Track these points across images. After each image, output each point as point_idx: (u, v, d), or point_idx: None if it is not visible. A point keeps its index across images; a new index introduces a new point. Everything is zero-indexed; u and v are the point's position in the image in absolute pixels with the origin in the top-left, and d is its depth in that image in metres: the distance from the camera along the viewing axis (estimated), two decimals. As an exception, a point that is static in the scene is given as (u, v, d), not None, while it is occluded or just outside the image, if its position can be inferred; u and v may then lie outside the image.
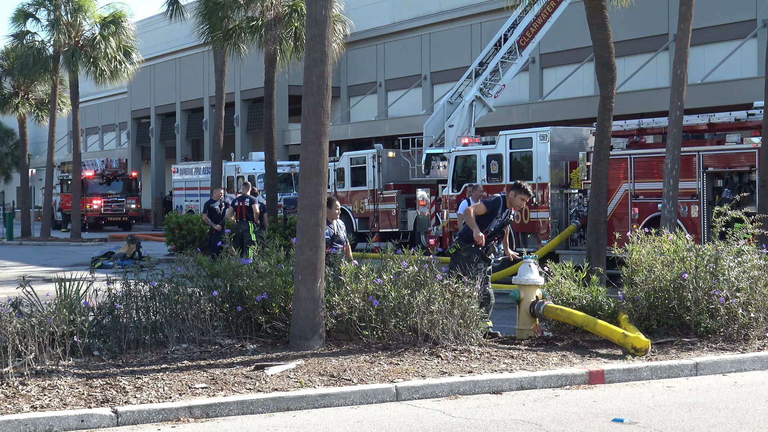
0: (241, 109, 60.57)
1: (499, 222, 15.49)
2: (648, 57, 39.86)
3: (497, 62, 32.77)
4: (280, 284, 14.29)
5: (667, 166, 21.17)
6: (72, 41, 47.55)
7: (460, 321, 13.86)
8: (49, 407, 10.61)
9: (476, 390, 11.87)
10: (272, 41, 32.65)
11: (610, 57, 21.43)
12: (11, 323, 12.14)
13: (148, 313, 14.06)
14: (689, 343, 14.23)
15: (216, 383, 11.65)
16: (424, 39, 51.68)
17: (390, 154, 35.13)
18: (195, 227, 34.84)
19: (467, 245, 15.36)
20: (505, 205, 15.52)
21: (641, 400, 11.59)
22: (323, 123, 13.93)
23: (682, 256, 14.86)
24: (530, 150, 26.63)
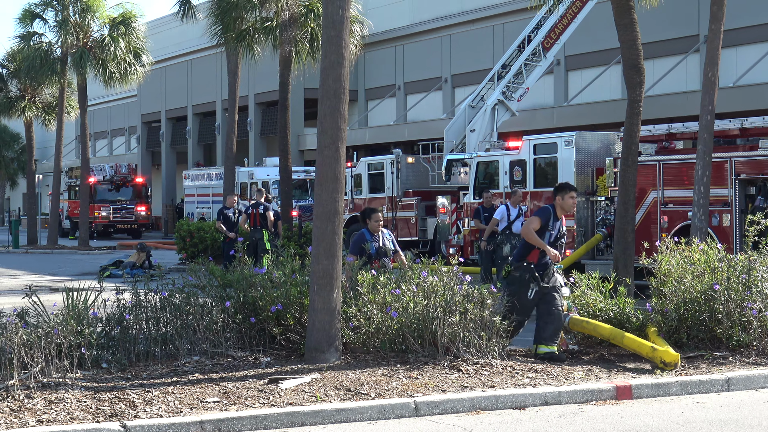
0: (254, 113, 60.65)
1: (552, 236, 14.56)
2: (678, 59, 39.75)
3: (521, 64, 32.74)
4: (295, 295, 14.30)
5: (698, 173, 21.10)
6: (80, 42, 47.71)
7: (482, 333, 13.84)
8: (56, 421, 10.64)
9: (498, 405, 11.85)
10: (287, 43, 32.70)
11: (639, 59, 21.39)
12: (17, 334, 12.18)
13: (159, 325, 14.09)
14: (721, 358, 14.19)
15: (228, 397, 11.66)
16: (445, 40, 51.66)
17: (409, 160, 35.10)
18: (207, 235, 34.89)
19: (519, 264, 14.56)
20: (555, 215, 14.64)
21: (671, 416, 11.55)
22: (340, 127, 13.93)
23: (713, 266, 14.81)
24: (555, 156, 26.60)
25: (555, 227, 14.57)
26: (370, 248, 16.18)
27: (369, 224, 16.44)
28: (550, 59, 33.45)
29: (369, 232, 16.40)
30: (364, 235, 16.38)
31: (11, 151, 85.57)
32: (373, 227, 16.36)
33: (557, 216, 14.63)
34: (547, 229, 14.48)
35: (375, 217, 16.43)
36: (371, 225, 16.40)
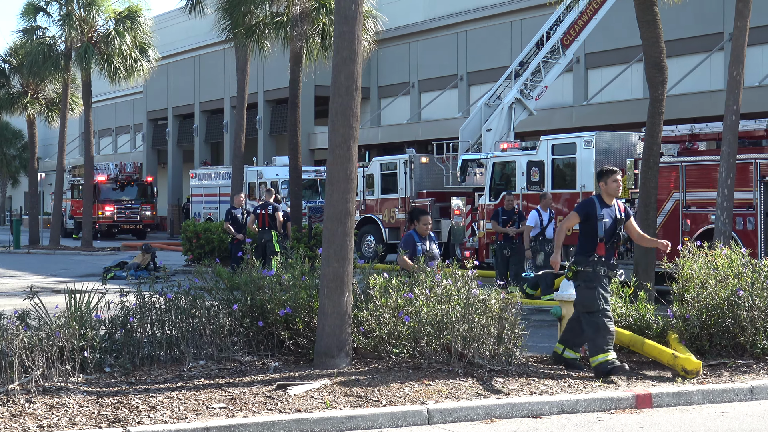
0: (264, 110, 60.73)
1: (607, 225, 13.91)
2: (701, 57, 39.71)
3: (539, 62, 32.74)
4: (305, 298, 14.31)
5: (722, 175, 21.06)
6: (85, 37, 47.79)
7: (497, 339, 13.83)
8: (57, 427, 10.66)
9: (514, 414, 11.84)
10: (298, 38, 32.72)
11: (661, 57, 21.35)
12: (18, 337, 12.21)
13: (164, 328, 14.11)
14: (744, 366, 14.16)
15: (235, 403, 11.67)
16: (461, 37, 51.68)
17: (423, 160, 35.11)
18: (214, 236, 34.93)
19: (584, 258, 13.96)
20: (603, 203, 14.11)
21: (692, 426, 11.54)
22: (352, 126, 13.94)
23: (737, 271, 14.79)
24: (574, 156, 26.60)
25: (607, 215, 13.92)
26: (418, 251, 15.88)
27: (417, 226, 16.22)
28: (569, 57, 33.45)
29: (418, 234, 16.19)
30: (413, 236, 16.18)
31: (13, 149, 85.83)
32: (421, 230, 16.15)
33: (606, 203, 14.05)
34: (597, 219, 13.88)
35: (424, 219, 16.15)
36: (419, 227, 16.17)
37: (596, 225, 13.87)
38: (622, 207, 14.22)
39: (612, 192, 14.03)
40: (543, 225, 23.72)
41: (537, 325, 16.67)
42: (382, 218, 35.44)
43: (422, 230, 16.11)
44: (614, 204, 14.08)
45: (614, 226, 13.95)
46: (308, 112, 55.40)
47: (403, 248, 15.91)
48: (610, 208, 14.02)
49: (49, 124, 56.12)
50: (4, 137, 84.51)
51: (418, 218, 16.18)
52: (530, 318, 16.03)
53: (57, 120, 53.42)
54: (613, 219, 13.94)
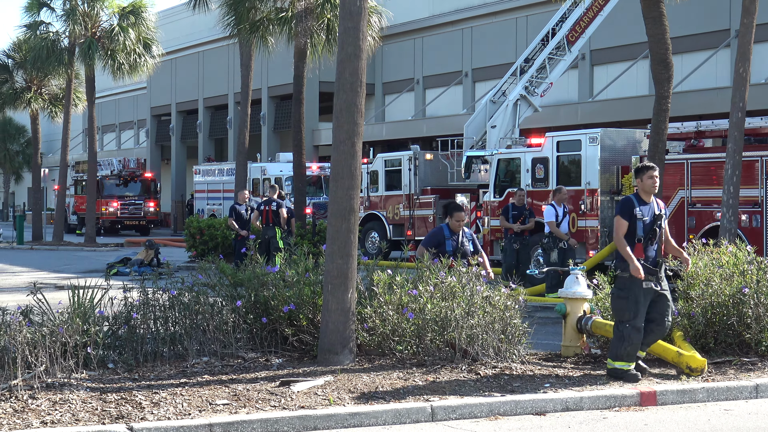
0: (268, 106, 60.74)
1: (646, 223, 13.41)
2: (707, 54, 39.69)
3: (544, 58, 32.71)
4: (309, 294, 14.32)
5: (727, 172, 21.07)
6: (88, 32, 47.83)
7: (502, 336, 13.85)
8: (60, 423, 10.68)
9: (518, 411, 11.85)
10: (302, 34, 32.74)
11: (667, 54, 21.39)
12: (21, 333, 12.23)
13: (167, 324, 14.12)
14: (749, 363, 14.16)
15: (238, 400, 11.69)
16: (466, 33, 51.66)
17: (427, 157, 35.10)
18: (217, 232, 34.96)
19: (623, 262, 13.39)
20: (640, 200, 13.49)
21: (696, 424, 11.54)
22: (356, 122, 13.95)
23: (742, 269, 14.79)
24: (579, 153, 26.57)
25: (645, 213, 13.44)
26: (446, 246, 15.37)
27: (450, 221, 15.61)
28: (574, 53, 33.40)
29: (449, 229, 15.60)
30: (443, 230, 15.63)
31: (16, 144, 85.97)
32: (453, 226, 15.56)
33: (643, 200, 13.58)
34: (636, 218, 13.38)
35: (458, 216, 15.58)
36: (452, 223, 15.58)
37: (635, 225, 13.40)
38: (661, 204, 13.81)
39: (648, 189, 13.49)
40: (558, 220, 23.56)
41: (541, 323, 16.65)
42: (386, 215, 35.44)
43: (454, 226, 15.52)
44: (652, 201, 13.59)
45: (652, 223, 13.48)
46: (312, 108, 55.41)
47: (423, 244, 15.52)
48: (648, 206, 13.52)
49: (53, 120, 56.17)
50: (7, 133, 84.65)
51: (452, 213, 15.62)
52: (534, 315, 16.01)
53: (60, 115, 53.46)
54: (651, 217, 13.49)
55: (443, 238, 15.49)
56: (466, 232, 15.70)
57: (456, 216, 15.52)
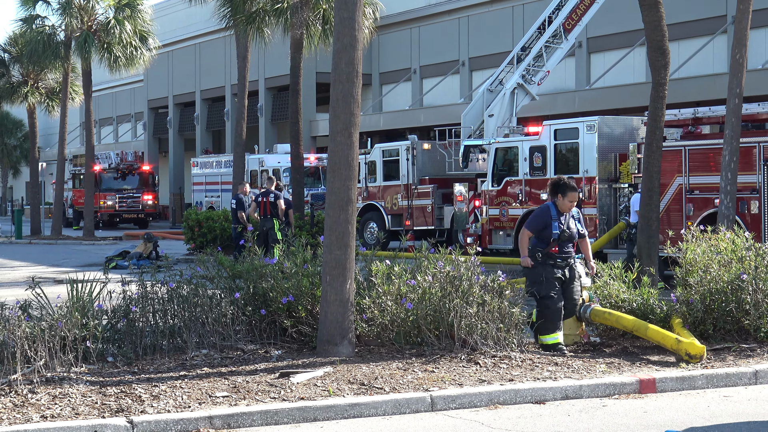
0: (265, 98, 60.72)
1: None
2: (704, 41, 39.66)
3: (541, 47, 32.69)
4: (307, 286, 14.33)
5: (725, 159, 21.07)
6: (84, 26, 47.77)
7: (500, 325, 13.86)
8: (60, 417, 10.69)
9: (517, 399, 11.87)
10: (298, 25, 32.71)
11: (663, 40, 21.33)
12: (20, 327, 12.23)
13: (166, 317, 14.13)
14: (748, 350, 14.18)
15: (238, 392, 11.70)
16: (462, 22, 51.62)
17: (425, 146, 35.11)
18: (216, 225, 34.96)
19: None
20: None
21: (696, 410, 11.56)
22: (353, 113, 13.95)
23: (740, 255, 14.80)
24: (576, 141, 26.59)
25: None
26: (552, 229, 14.43)
27: (559, 202, 14.53)
28: (571, 41, 33.38)
29: (556, 209, 14.56)
30: (550, 210, 14.56)
31: (14, 139, 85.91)
32: (563, 206, 14.51)
33: None
34: None
35: (571, 196, 14.49)
36: (562, 204, 14.53)
37: None
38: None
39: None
40: None
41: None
42: (384, 205, 35.45)
43: (565, 207, 14.50)
44: None
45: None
46: (309, 99, 55.36)
47: (529, 226, 14.60)
48: None
49: (50, 114, 56.13)
50: (4, 127, 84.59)
51: (564, 192, 14.48)
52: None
53: (57, 109, 53.42)
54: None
55: (550, 219, 14.49)
56: (573, 213, 14.72)
57: (569, 196, 14.51)
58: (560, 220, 14.47)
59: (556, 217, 14.47)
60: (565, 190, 14.48)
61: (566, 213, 14.56)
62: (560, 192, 14.53)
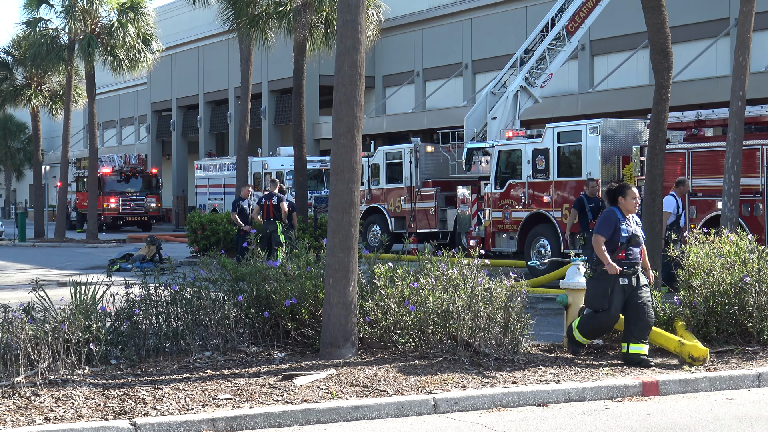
0: (268, 100, 60.74)
1: None
2: (707, 43, 39.66)
3: (544, 49, 32.69)
4: (310, 288, 14.33)
5: (728, 161, 21.06)
6: (88, 29, 47.81)
7: (504, 328, 13.85)
8: (64, 419, 10.69)
9: (520, 402, 11.87)
10: (301, 28, 32.72)
11: (666, 43, 21.32)
12: (23, 329, 12.24)
13: (169, 319, 14.13)
14: (751, 352, 14.17)
15: (241, 394, 11.71)
16: (465, 25, 51.64)
17: (428, 149, 35.10)
18: (219, 227, 34.98)
19: None
20: None
21: (699, 413, 11.55)
22: (356, 115, 13.95)
23: (743, 258, 14.79)
24: (579, 144, 26.56)
25: None
26: (621, 232, 13.72)
27: (623, 203, 13.86)
28: (574, 44, 33.38)
29: (621, 213, 13.87)
30: (616, 214, 13.86)
31: (17, 142, 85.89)
32: (629, 206, 13.81)
33: None
34: None
35: (631, 193, 13.82)
36: (626, 204, 13.85)
37: None
38: None
39: None
40: (678, 213, 22.29)
41: (543, 314, 16.66)
42: (387, 208, 35.46)
43: (631, 206, 13.80)
44: None
45: None
46: (313, 102, 55.41)
47: (600, 231, 13.82)
48: None
49: (53, 117, 56.12)
50: (8, 130, 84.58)
51: (624, 193, 13.85)
52: (536, 306, 15.99)
53: (61, 112, 53.43)
54: None
55: (618, 222, 13.79)
56: (636, 218, 14.12)
57: (631, 194, 13.83)
58: (628, 223, 13.83)
59: (624, 220, 13.83)
60: (623, 190, 13.91)
61: (632, 214, 13.94)
62: (620, 194, 13.93)
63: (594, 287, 13.93)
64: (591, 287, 13.99)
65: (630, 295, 13.75)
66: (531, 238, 27.38)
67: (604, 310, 13.76)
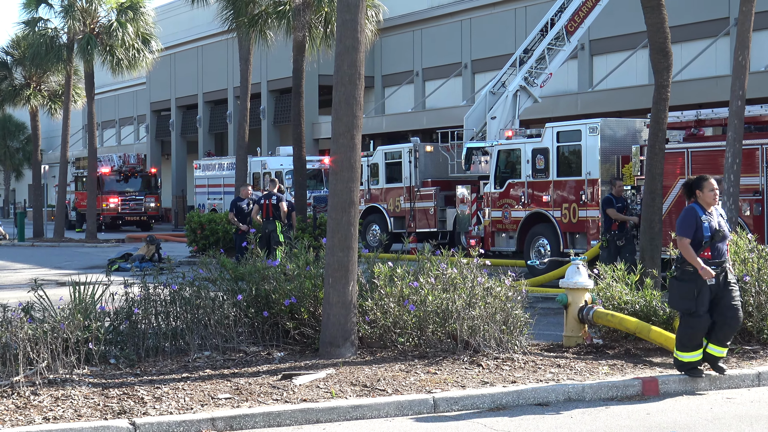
0: (267, 100, 60.72)
1: None
2: (707, 43, 39.65)
3: (543, 49, 32.66)
4: (310, 288, 14.33)
5: (728, 161, 21.05)
6: (87, 28, 47.79)
7: (503, 327, 13.86)
8: (63, 419, 10.69)
9: (520, 401, 11.86)
10: (301, 27, 32.71)
11: (666, 43, 21.31)
12: (22, 329, 12.24)
13: (168, 319, 14.14)
14: (751, 352, 14.18)
15: (240, 393, 11.70)
16: (465, 24, 51.62)
17: (428, 149, 35.07)
18: (218, 227, 34.96)
19: None
20: None
21: (699, 412, 11.55)
22: (355, 115, 13.95)
23: (743, 257, 14.80)
24: (579, 143, 26.54)
25: None
26: (703, 230, 12.65)
27: (701, 197, 12.83)
28: (573, 44, 33.36)
29: (701, 208, 12.80)
30: (695, 210, 12.76)
31: (16, 141, 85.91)
32: (708, 199, 12.76)
33: None
34: None
35: (709, 185, 12.76)
36: (705, 197, 12.80)
37: None
38: None
39: None
40: None
41: (543, 313, 16.66)
42: (386, 207, 35.44)
43: (710, 198, 12.75)
44: None
45: None
46: (312, 102, 55.39)
47: (682, 232, 12.70)
48: None
49: (52, 116, 56.13)
50: (7, 130, 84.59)
51: (701, 185, 12.81)
52: (536, 306, 16.00)
53: (60, 112, 53.42)
54: None
55: (699, 219, 12.70)
56: (720, 210, 13.07)
57: (708, 185, 12.80)
58: (710, 218, 12.75)
59: (703, 214, 12.74)
60: (700, 183, 12.86)
61: (713, 208, 12.84)
62: (697, 188, 12.88)
63: (679, 288, 12.81)
64: (675, 288, 12.86)
65: (717, 294, 12.70)
66: (530, 237, 27.38)
67: (692, 314, 12.68)
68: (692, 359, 12.75)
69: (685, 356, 12.75)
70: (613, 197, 23.75)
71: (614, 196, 23.75)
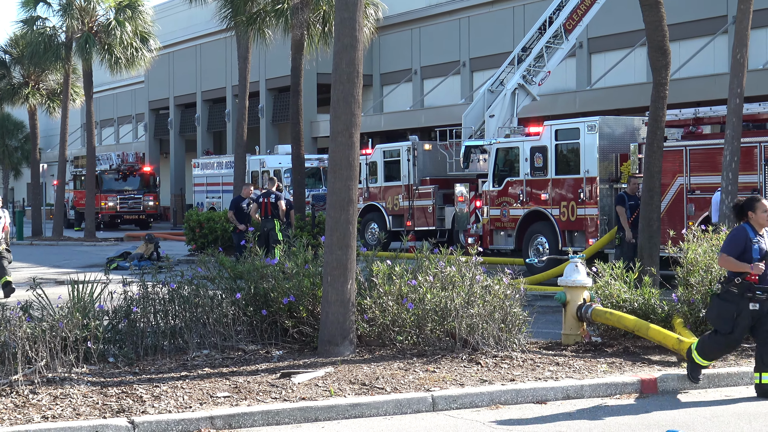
0: (266, 99, 60.71)
1: None
2: (705, 41, 39.64)
3: (542, 47, 32.67)
4: (308, 286, 14.33)
5: (726, 159, 21.05)
6: (85, 27, 47.77)
7: (502, 325, 13.86)
8: (62, 417, 10.69)
9: (519, 399, 11.87)
10: (299, 26, 32.68)
11: (664, 41, 21.32)
12: (21, 328, 12.24)
13: (167, 317, 14.14)
14: (749, 350, 14.16)
15: (239, 392, 11.70)
16: (463, 23, 51.61)
17: (426, 147, 35.07)
18: (217, 226, 34.94)
19: None
20: None
21: (697, 410, 11.56)
22: (354, 113, 13.95)
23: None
24: (577, 141, 26.55)
25: None
26: (752, 252, 12.18)
27: (753, 218, 12.39)
28: (572, 41, 33.36)
29: (752, 229, 12.33)
30: (746, 231, 12.28)
31: (15, 140, 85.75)
32: (760, 221, 12.31)
33: None
34: None
35: (762, 206, 12.31)
36: (758, 218, 12.36)
37: None
38: None
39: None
40: None
41: (541, 311, 16.66)
42: (385, 206, 35.43)
43: (762, 221, 12.30)
44: None
45: None
46: (310, 100, 55.33)
47: (726, 251, 12.36)
48: None
49: (51, 115, 56.11)
50: (5, 128, 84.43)
51: (754, 207, 12.35)
52: (535, 304, 16.01)
53: (58, 111, 53.41)
54: None
55: (749, 241, 12.26)
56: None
57: (761, 207, 12.32)
58: (761, 240, 12.27)
59: (755, 237, 12.29)
60: (752, 204, 12.40)
61: (764, 230, 12.38)
62: (749, 209, 12.41)
63: (719, 306, 12.46)
64: (716, 307, 12.54)
65: (760, 320, 12.26)
66: (529, 235, 27.38)
67: (727, 334, 12.39)
68: (705, 364, 12.67)
69: (701, 361, 12.63)
70: (627, 195, 23.72)
71: (628, 194, 23.72)
